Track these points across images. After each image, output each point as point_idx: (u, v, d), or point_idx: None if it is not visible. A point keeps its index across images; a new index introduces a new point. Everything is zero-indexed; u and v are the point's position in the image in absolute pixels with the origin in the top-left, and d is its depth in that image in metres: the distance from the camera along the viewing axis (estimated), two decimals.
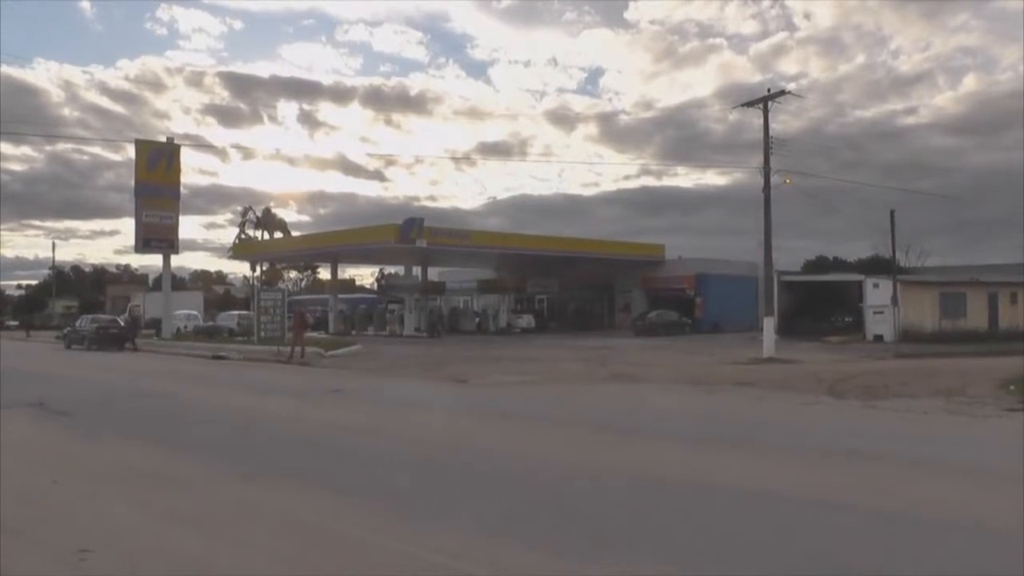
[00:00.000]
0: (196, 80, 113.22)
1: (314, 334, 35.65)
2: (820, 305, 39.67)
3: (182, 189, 43.57)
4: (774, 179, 25.90)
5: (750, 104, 26.65)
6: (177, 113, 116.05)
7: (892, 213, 29.64)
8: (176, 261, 60.17)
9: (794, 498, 6.57)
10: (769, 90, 26.32)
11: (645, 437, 10.20)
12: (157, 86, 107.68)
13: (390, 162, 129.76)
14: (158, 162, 41.09)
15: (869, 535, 5.52)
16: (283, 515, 6.16)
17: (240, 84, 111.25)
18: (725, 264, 48.47)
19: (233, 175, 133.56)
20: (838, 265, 54.64)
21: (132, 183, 41.91)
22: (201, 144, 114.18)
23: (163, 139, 43.53)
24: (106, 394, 15.79)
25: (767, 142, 25.95)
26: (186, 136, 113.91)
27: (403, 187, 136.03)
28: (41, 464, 8.41)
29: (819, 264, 55.75)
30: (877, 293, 35.00)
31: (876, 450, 9.05)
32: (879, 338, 33.82)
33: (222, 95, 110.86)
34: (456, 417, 12.48)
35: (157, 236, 41.26)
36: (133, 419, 12.31)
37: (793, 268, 50.36)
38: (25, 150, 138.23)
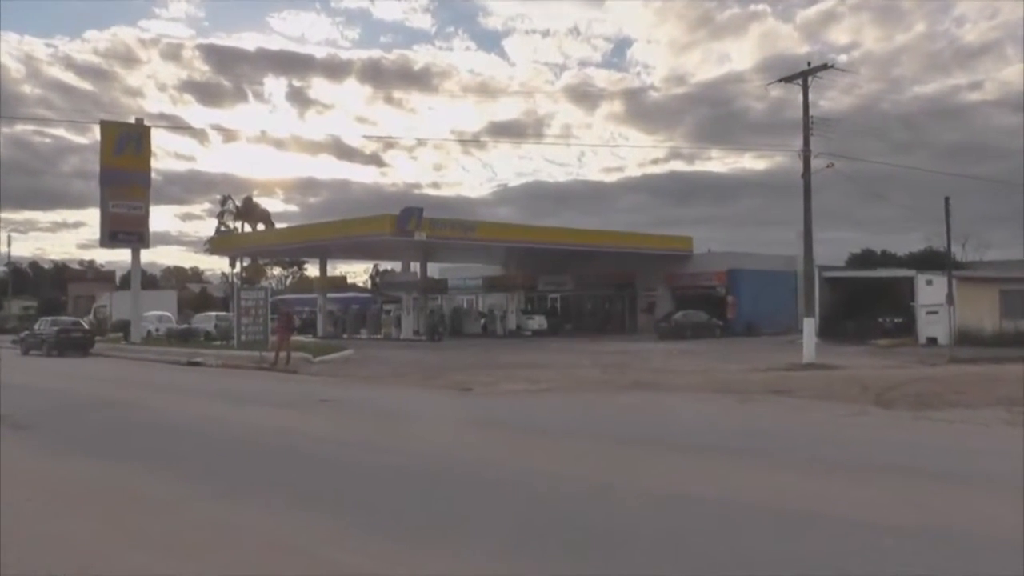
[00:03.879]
0: (173, 53, 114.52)
1: (301, 338, 35.76)
2: (866, 304, 39.57)
3: (154, 175, 43.94)
4: (816, 163, 25.90)
5: (789, 79, 26.62)
6: (151, 91, 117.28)
7: (947, 201, 29.55)
8: (147, 256, 60.37)
9: (840, 518, 6.56)
10: (809, 64, 26.32)
11: (671, 451, 10.20)
12: (129, 60, 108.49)
13: (389, 145, 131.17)
14: (126, 146, 41.26)
15: (924, 559, 5.53)
16: (264, 537, 6.20)
17: (222, 58, 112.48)
18: (760, 258, 48.40)
19: (213, 160, 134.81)
20: (887, 259, 54.52)
21: (98, 169, 42.15)
22: (178, 125, 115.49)
23: (134, 120, 43.76)
24: (69, 405, 15.88)
25: (807, 122, 25.94)
26: (161, 116, 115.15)
27: (403, 173, 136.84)
28: None
29: (866, 258, 55.65)
30: (930, 291, 34.92)
31: (929, 465, 9.03)
32: (932, 341, 33.72)
33: (202, 70, 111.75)
34: (459, 430, 12.49)
35: (125, 228, 41.43)
36: (100, 432, 12.38)
37: (837, 262, 50.27)
38: None
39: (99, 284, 78.05)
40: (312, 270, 76.22)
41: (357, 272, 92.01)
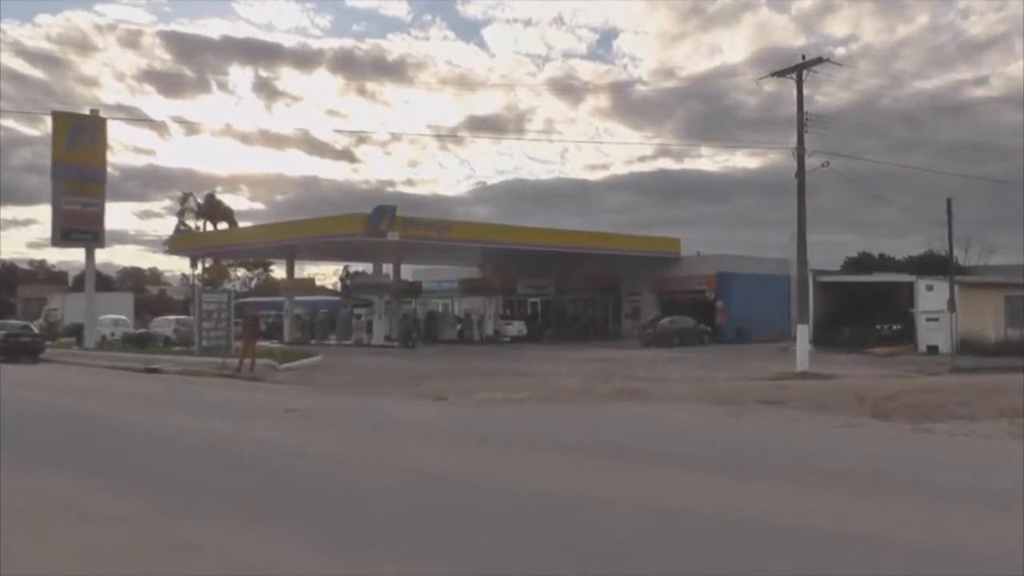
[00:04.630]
0: (131, 40, 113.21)
1: (266, 343, 35.58)
2: (863, 310, 39.76)
3: (111, 170, 43.49)
4: (811, 161, 26.03)
5: (782, 73, 26.79)
6: (108, 80, 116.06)
7: (949, 202, 29.80)
8: (101, 256, 59.99)
9: (836, 534, 6.59)
10: (804, 57, 26.48)
11: (657, 464, 10.20)
12: (84, 47, 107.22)
13: (361, 140, 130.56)
14: (80, 138, 40.86)
15: None
16: (228, 558, 6.14)
17: (185, 45, 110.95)
18: (752, 262, 48.57)
19: (173, 154, 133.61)
20: (885, 263, 54.89)
21: (50, 163, 41.76)
22: (136, 117, 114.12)
23: (89, 111, 43.37)
24: (18, 416, 15.64)
25: (800, 118, 26.08)
26: (118, 107, 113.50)
27: (376, 169, 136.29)
28: None
29: (863, 262, 55.99)
30: (931, 297, 35.15)
31: (929, 480, 9.08)
32: (933, 349, 33.94)
33: (163, 58, 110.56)
34: (434, 441, 12.48)
35: (79, 226, 41.02)
36: (52, 445, 12.22)
37: (832, 267, 50.56)
38: None
39: (50, 286, 77.18)
40: (278, 272, 76.02)
41: (326, 274, 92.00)
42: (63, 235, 41.18)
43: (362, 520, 7.31)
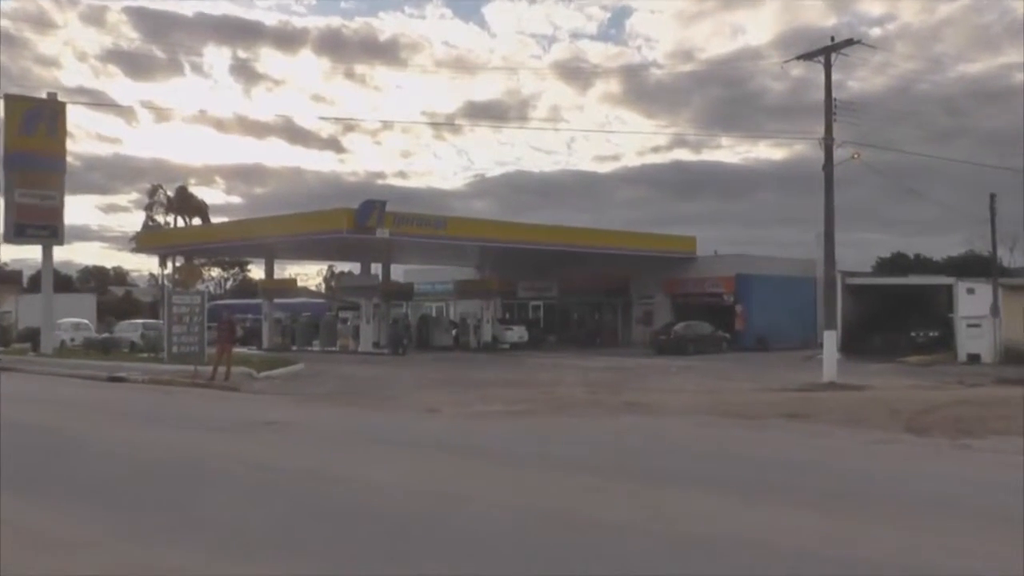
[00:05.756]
0: (95, 17, 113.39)
1: (243, 350, 35.58)
2: (897, 316, 39.88)
3: (71, 160, 43.57)
4: (840, 153, 26.04)
5: (809, 56, 26.79)
6: (69, 60, 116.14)
7: (992, 198, 29.88)
8: (60, 254, 60.12)
9: (869, 563, 6.60)
10: (833, 39, 26.46)
11: (670, 484, 10.18)
12: (42, 24, 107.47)
13: (349, 128, 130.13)
14: (37, 124, 40.79)
15: None
16: None
17: (154, 23, 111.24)
18: (775, 262, 48.68)
19: (142, 143, 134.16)
20: (921, 265, 54.96)
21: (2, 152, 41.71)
22: (100, 102, 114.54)
23: (47, 95, 43.30)
24: None
25: (829, 105, 26.10)
26: (80, 91, 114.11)
27: (365, 160, 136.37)
28: None
29: (897, 263, 56.09)
30: (972, 301, 35.15)
31: (971, 503, 9.07)
32: (974, 358, 33.94)
33: (130, 37, 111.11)
34: (426, 457, 12.46)
35: (35, 221, 40.93)
36: (5, 462, 12.20)
37: (863, 268, 50.66)
38: None
39: (3, 286, 77.22)
40: (257, 272, 76.05)
41: (309, 275, 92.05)
42: (17, 231, 41.06)
43: (346, 545, 7.29)
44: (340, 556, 6.89)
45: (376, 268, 49.16)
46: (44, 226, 41.22)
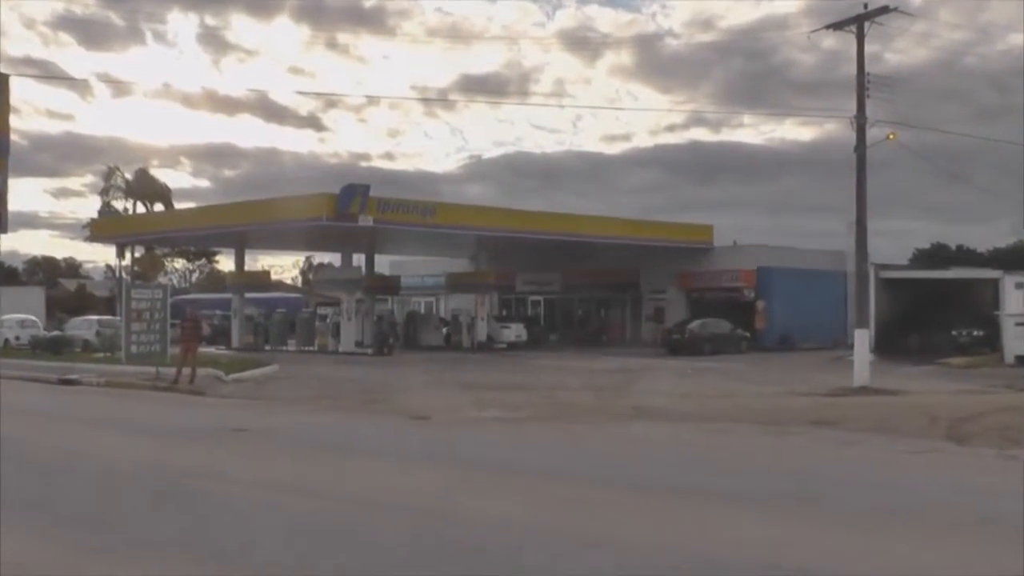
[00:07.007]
0: None
1: (211, 349, 35.57)
2: (936, 313, 39.84)
3: (16, 139, 43.45)
4: (874, 133, 26.01)
5: (840, 25, 26.65)
6: (15, 28, 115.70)
7: None
8: (5, 243, 59.92)
9: None
10: (866, 6, 26.34)
11: (685, 499, 10.17)
12: None
13: (331, 103, 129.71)
14: None
15: None
16: None
17: None
18: (801, 254, 48.61)
19: (98, 120, 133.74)
20: (964, 256, 55.03)
21: None
22: (51, 74, 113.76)
23: None
24: None
25: (861, 80, 26.02)
26: (27, 61, 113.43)
27: (348, 140, 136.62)
28: None
29: (937, 255, 56.16)
30: (1021, 297, 35.14)
31: (1012, 518, 9.03)
32: (1022, 360, 33.96)
33: (85, 2, 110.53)
34: (413, 469, 12.44)
35: None
36: None
37: (899, 260, 50.75)
38: None
39: None
40: (226, 263, 76.05)
41: (285, 266, 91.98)
42: None
43: (321, 564, 7.29)
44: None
45: (359, 259, 49.09)
46: None
